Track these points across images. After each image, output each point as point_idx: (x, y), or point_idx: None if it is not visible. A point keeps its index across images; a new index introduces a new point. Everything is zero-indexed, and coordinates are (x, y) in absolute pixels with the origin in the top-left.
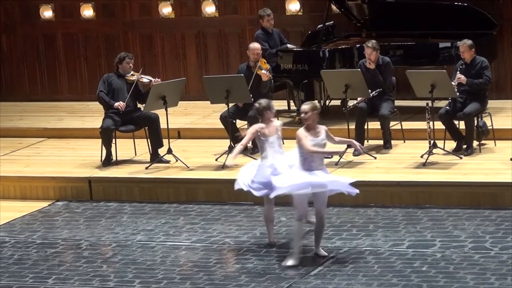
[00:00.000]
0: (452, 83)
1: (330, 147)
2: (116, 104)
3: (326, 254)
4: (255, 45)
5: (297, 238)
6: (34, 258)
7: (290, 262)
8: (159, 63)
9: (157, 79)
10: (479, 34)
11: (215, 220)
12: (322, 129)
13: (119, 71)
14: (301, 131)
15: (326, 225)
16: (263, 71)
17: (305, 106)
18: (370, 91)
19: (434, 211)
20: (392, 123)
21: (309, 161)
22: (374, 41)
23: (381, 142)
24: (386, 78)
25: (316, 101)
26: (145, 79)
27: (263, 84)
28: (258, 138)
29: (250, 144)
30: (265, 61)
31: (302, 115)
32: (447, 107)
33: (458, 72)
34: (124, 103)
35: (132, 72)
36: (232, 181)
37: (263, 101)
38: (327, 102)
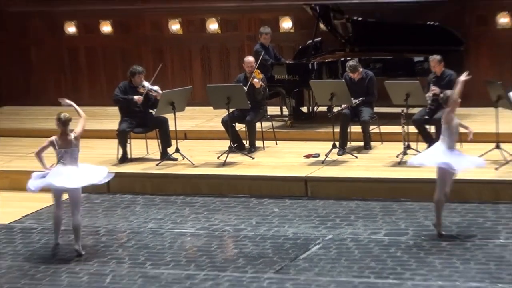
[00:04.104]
0: (427, 95)
1: None
2: (136, 97)
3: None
4: (249, 59)
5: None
6: (62, 243)
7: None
8: (168, 74)
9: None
10: (449, 50)
11: (216, 210)
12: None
13: (131, 82)
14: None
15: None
16: (255, 79)
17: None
18: (353, 99)
19: (408, 204)
20: (371, 127)
21: None
22: (351, 63)
23: (362, 143)
24: (373, 92)
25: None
26: (154, 92)
27: (257, 91)
28: (54, 148)
29: (247, 144)
30: (259, 71)
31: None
32: (425, 116)
33: (431, 85)
34: (142, 97)
35: (143, 84)
36: (232, 177)
37: (63, 115)
38: (315, 108)
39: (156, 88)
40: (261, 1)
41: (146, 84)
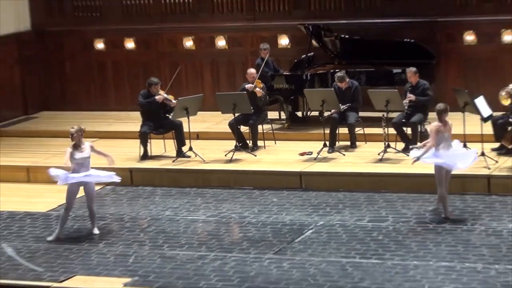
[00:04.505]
0: (404, 101)
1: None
2: (157, 97)
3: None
4: (251, 71)
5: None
6: (89, 228)
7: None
8: (183, 83)
9: (174, 100)
10: (423, 63)
11: (224, 200)
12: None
13: (150, 91)
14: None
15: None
16: (257, 89)
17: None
18: (341, 105)
19: (388, 195)
20: (357, 129)
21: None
22: (339, 74)
23: (348, 143)
24: (359, 99)
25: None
26: (167, 100)
27: (258, 99)
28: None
29: (250, 143)
30: (260, 81)
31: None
32: (403, 120)
33: (408, 93)
34: (162, 96)
35: (159, 92)
36: (237, 172)
37: (76, 127)
38: (309, 113)
39: (170, 97)
40: (262, 22)
41: (162, 93)
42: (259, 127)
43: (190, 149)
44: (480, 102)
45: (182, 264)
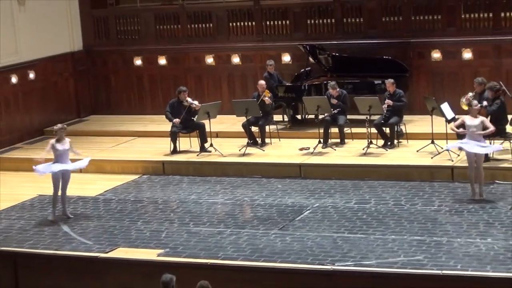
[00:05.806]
0: (384, 106)
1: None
2: (175, 120)
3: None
4: (261, 82)
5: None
6: (129, 209)
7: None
8: (205, 92)
9: (199, 104)
10: (398, 75)
11: (238, 186)
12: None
13: (179, 98)
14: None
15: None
16: (266, 98)
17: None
18: (332, 110)
19: (370, 182)
20: (345, 129)
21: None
22: (332, 83)
23: (338, 140)
24: (347, 104)
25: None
26: (194, 104)
27: (266, 105)
28: (53, 149)
29: (259, 140)
30: (268, 91)
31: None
32: (382, 121)
33: (386, 99)
34: (179, 119)
35: (186, 99)
36: (249, 164)
37: (59, 125)
38: (306, 116)
39: (195, 102)
40: (269, 42)
41: (189, 99)
42: (267, 127)
43: (211, 145)
44: (445, 107)
45: (205, 238)
